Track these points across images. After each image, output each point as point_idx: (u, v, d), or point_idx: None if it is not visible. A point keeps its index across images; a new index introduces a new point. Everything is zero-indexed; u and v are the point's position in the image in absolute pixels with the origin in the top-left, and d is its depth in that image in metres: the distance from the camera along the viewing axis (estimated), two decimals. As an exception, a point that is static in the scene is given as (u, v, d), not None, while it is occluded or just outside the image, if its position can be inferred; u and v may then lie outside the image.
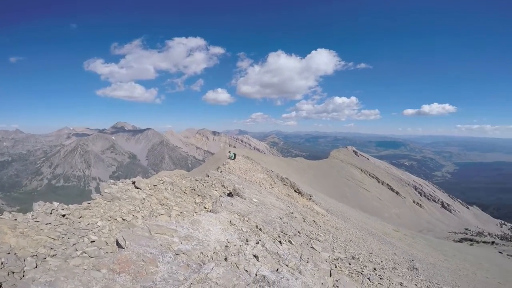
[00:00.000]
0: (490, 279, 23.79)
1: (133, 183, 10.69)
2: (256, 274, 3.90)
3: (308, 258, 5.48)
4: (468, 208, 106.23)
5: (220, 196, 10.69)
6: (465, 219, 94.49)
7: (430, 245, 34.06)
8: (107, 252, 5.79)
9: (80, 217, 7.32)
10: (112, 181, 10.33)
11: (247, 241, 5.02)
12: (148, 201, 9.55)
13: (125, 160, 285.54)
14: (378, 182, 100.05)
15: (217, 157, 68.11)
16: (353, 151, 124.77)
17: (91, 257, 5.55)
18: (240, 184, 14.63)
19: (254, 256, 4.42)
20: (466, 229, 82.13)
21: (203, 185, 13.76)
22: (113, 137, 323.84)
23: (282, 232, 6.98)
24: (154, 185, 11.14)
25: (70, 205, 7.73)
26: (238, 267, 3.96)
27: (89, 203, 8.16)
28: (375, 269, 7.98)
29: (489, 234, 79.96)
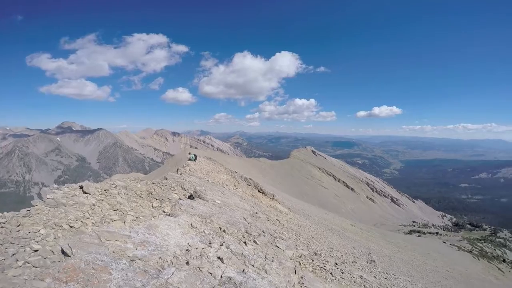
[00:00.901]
0: (439, 267, 26.50)
1: (81, 187, 9.65)
2: (221, 276, 3.84)
3: (273, 257, 5.51)
4: (414, 202, 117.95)
5: (180, 199, 10.16)
6: (412, 212, 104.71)
7: (384, 238, 36.83)
8: (54, 262, 5.11)
9: (19, 225, 6.38)
10: (56, 186, 9.19)
11: (210, 243, 4.91)
12: (99, 206, 8.68)
13: (73, 164, 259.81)
14: (335, 179, 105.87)
15: (177, 159, 65.65)
16: (312, 151, 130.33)
17: (35, 267, 4.87)
18: (202, 186, 14.16)
19: (219, 258, 4.36)
20: (414, 221, 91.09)
21: (161, 188, 13.01)
22: (59, 138, 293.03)
23: (246, 232, 6.87)
24: (105, 190, 10.18)
25: (5, 213, 6.71)
26: (201, 270, 3.87)
27: (28, 210, 7.17)
28: (336, 263, 8.24)
29: (433, 225, 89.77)
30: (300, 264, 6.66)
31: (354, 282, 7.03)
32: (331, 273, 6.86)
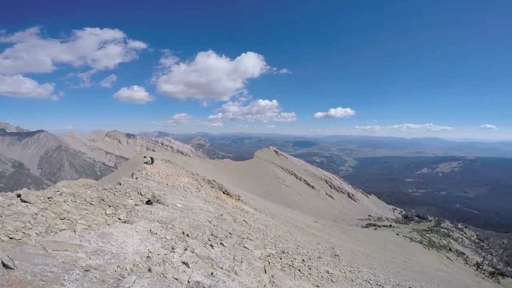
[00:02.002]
0: (396, 258, 28.57)
1: (19, 196, 8.37)
2: (188, 281, 3.74)
3: (242, 258, 5.48)
4: (368, 197, 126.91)
5: (136, 204, 9.41)
6: (367, 206, 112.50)
7: (344, 232, 38.82)
8: (-6, 275, 4.28)
9: None
10: (-15, 195, 7.77)
11: (173, 248, 4.70)
12: (42, 216, 7.59)
13: (8, 170, 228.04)
14: (297, 178, 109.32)
15: (133, 163, 61.74)
16: (274, 151, 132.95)
17: (-28, 282, 4.07)
18: (161, 190, 13.37)
19: (184, 263, 4.19)
20: (369, 215, 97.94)
21: (115, 194, 11.95)
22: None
23: (212, 235, 6.58)
24: (48, 198, 8.93)
25: None
26: (166, 277, 3.73)
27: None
28: (303, 260, 8.32)
29: (386, 218, 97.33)
30: (269, 263, 6.57)
31: (322, 277, 7.13)
32: (299, 270, 6.90)
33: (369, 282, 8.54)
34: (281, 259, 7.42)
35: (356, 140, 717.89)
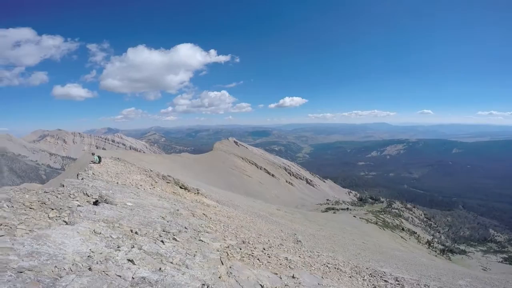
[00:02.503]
0: (355, 240, 30.47)
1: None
2: (133, 278, 3.78)
3: (196, 252, 5.47)
4: (324, 181, 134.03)
5: (79, 205, 8.59)
6: (324, 191, 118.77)
7: (306, 218, 40.47)
8: None
9: None
10: None
11: (118, 247, 4.70)
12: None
13: None
14: (257, 167, 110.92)
15: (82, 163, 56.25)
16: (234, 141, 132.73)
17: None
18: (110, 189, 12.43)
19: (129, 260, 4.24)
20: (327, 199, 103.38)
21: (57, 196, 10.78)
22: None
23: (164, 231, 6.38)
24: (-20, 206, 7.67)
25: None
26: (107, 274, 3.76)
27: None
28: (264, 249, 8.37)
29: (343, 201, 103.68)
30: (227, 255, 6.46)
31: (280, 264, 7.24)
32: (258, 259, 6.90)
33: (327, 266, 8.90)
34: (241, 249, 7.36)
35: (311, 128, 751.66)
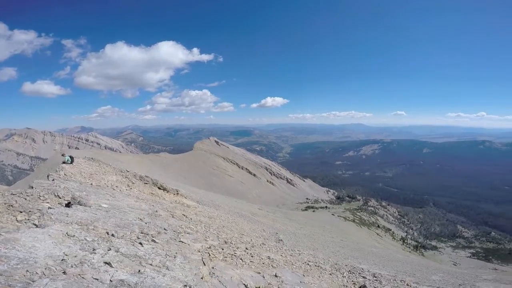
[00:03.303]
0: (335, 238, 31.09)
1: None
2: (111, 280, 3.71)
3: (176, 253, 5.37)
4: (304, 181, 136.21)
5: (50, 208, 8.08)
6: (304, 190, 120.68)
7: (287, 217, 40.84)
8: None
9: None
10: None
11: (94, 250, 4.56)
12: None
13: None
14: (239, 167, 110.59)
15: (53, 163, 53.23)
16: (215, 141, 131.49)
17: None
18: (83, 191, 11.82)
19: (106, 263, 4.14)
20: (307, 198, 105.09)
21: (26, 199, 10.14)
22: None
23: (142, 233, 6.15)
24: None
25: None
26: (84, 278, 3.66)
27: None
28: (246, 248, 8.34)
29: (322, 200, 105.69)
30: (209, 255, 6.34)
31: (263, 263, 7.24)
32: (241, 259, 6.86)
33: (308, 264, 9.01)
34: (223, 249, 7.27)
35: (291, 128, 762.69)
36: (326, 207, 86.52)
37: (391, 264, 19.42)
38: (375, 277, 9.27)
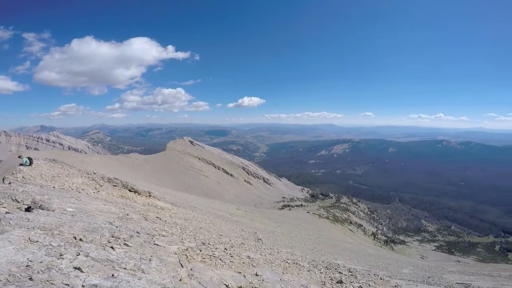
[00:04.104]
0: (311, 235, 31.68)
1: None
2: (83, 286, 3.59)
3: (151, 256, 5.31)
4: (280, 180, 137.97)
5: (8, 212, 7.36)
6: (280, 189, 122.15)
7: (265, 216, 41.01)
8: None
9: None
10: None
11: (61, 255, 4.33)
12: None
13: None
14: (215, 167, 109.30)
15: (8, 165, 48.76)
16: (189, 141, 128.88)
17: None
18: (45, 194, 10.94)
19: (76, 268, 3.97)
20: (283, 197, 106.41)
21: (-22, 204, 9.17)
22: None
23: (113, 237, 5.80)
24: None
25: None
26: (53, 283, 3.51)
27: None
28: (226, 249, 8.22)
29: (297, 198, 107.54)
30: (187, 257, 6.12)
31: (243, 263, 7.18)
32: (220, 259, 6.72)
33: (287, 262, 9.09)
34: (201, 251, 7.09)
35: (267, 128, 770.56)
36: (301, 205, 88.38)
37: (364, 259, 20.30)
38: (351, 272, 9.56)
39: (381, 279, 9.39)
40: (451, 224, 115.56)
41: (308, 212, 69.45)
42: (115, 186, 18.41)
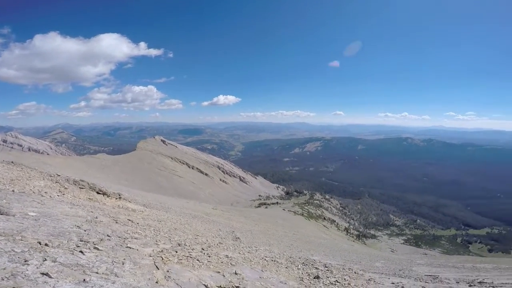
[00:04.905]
0: (287, 232, 32.05)
1: None
2: None
3: (124, 259, 4.99)
4: (256, 178, 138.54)
5: None
6: (256, 187, 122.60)
7: (242, 214, 40.87)
8: None
9: None
10: None
11: (26, 261, 4.07)
12: None
13: None
14: (189, 167, 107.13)
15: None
16: (161, 140, 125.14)
17: None
18: (3, 198, 9.98)
19: (44, 274, 3.75)
20: (259, 195, 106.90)
21: None
22: None
23: (82, 241, 5.48)
24: None
25: None
26: None
27: None
28: (203, 249, 8.09)
29: (273, 196, 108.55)
30: (162, 259, 5.92)
31: (222, 262, 7.12)
32: (198, 260, 6.60)
33: (265, 259, 9.16)
34: (177, 252, 6.90)
35: (242, 126, 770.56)
36: (277, 202, 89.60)
37: (339, 254, 21.03)
38: (326, 267, 9.85)
39: (355, 273, 9.76)
40: (416, 218, 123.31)
41: (284, 210, 70.55)
42: (82, 188, 17.35)
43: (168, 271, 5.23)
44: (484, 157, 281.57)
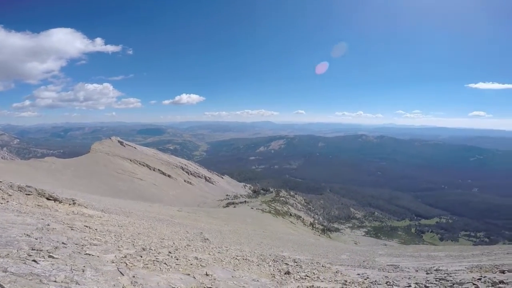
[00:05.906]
0: (257, 230, 32.12)
1: None
2: None
3: (84, 266, 4.69)
4: (222, 178, 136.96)
5: None
6: (223, 187, 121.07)
7: (209, 215, 40.08)
8: None
9: None
10: None
11: None
12: None
13: None
14: (150, 169, 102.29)
15: None
16: (119, 141, 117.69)
17: None
18: None
19: None
20: (227, 195, 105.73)
21: None
22: None
23: (33, 249, 5.00)
24: None
25: None
26: None
27: None
28: (170, 252, 7.81)
29: (241, 195, 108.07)
30: (127, 264, 5.59)
31: (191, 264, 6.95)
32: (165, 263, 6.35)
33: (237, 259, 9.13)
34: (141, 256, 6.57)
35: (207, 126, 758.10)
36: (245, 201, 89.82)
37: (307, 249, 21.79)
38: (296, 262, 10.14)
39: (323, 266, 10.18)
40: (374, 211, 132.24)
41: (252, 208, 70.95)
42: (29, 194, 15.58)
43: (134, 276, 4.95)
44: (428, 152, 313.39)
